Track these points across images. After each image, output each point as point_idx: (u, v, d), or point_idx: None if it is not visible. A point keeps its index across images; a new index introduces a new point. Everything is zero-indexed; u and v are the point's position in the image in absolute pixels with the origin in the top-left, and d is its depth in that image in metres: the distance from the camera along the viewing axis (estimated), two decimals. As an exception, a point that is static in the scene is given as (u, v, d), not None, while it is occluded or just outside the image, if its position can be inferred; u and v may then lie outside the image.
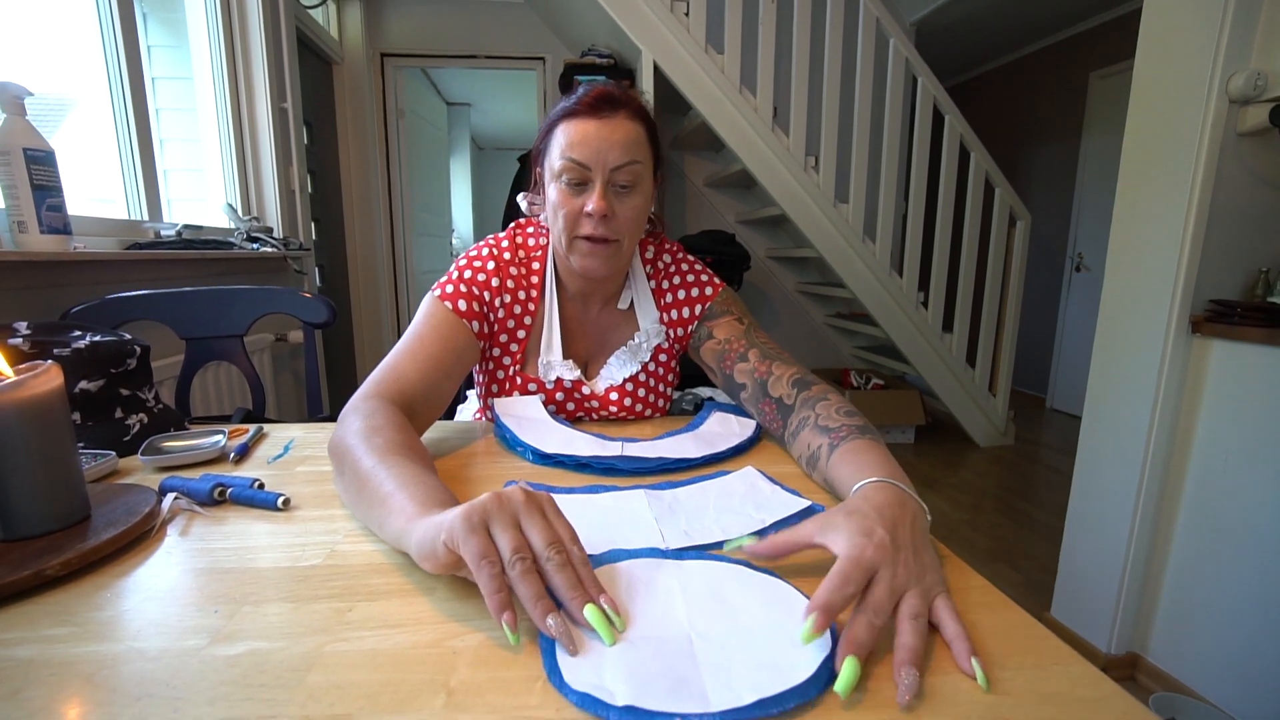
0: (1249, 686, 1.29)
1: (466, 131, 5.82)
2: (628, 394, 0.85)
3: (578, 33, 3.28)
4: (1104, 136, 3.67)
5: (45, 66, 1.52)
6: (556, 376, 0.83)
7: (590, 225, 0.73)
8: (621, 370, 0.85)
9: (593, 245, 0.75)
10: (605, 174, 0.72)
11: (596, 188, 0.72)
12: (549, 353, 0.82)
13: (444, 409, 0.75)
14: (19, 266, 1.12)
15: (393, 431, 0.57)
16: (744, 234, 3.54)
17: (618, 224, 0.74)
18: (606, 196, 0.72)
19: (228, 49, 2.07)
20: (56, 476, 0.49)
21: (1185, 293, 1.36)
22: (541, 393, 0.83)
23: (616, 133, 0.72)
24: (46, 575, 0.43)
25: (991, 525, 2.35)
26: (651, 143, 0.77)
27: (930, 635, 0.39)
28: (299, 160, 2.42)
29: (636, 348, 0.86)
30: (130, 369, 0.77)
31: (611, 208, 0.73)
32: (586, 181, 0.73)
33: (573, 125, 0.72)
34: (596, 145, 0.71)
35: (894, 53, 2.70)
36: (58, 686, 0.34)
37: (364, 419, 0.59)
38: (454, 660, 0.37)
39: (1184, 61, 1.34)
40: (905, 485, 0.49)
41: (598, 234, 0.73)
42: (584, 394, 0.84)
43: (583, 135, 0.71)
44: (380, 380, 0.68)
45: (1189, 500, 1.41)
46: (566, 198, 0.74)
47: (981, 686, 0.34)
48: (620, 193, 0.74)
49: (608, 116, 0.72)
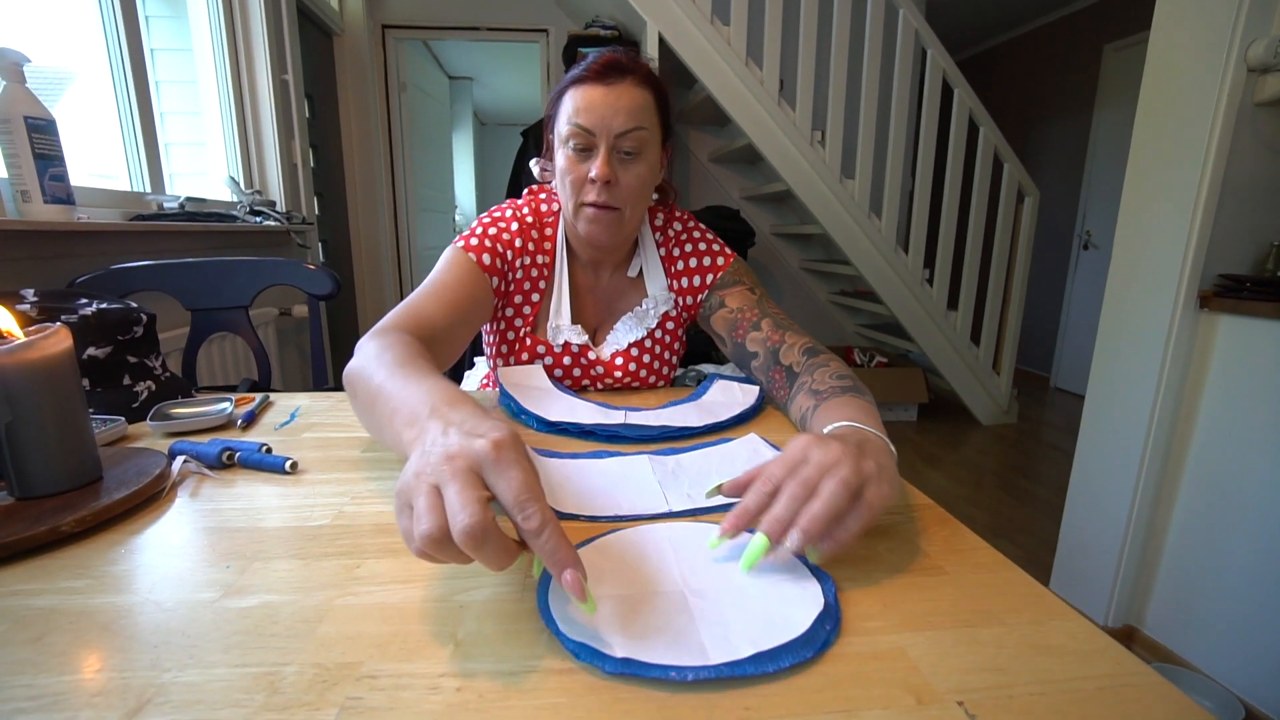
0: (1245, 660, 1.31)
1: (469, 106, 5.76)
2: (633, 359, 0.86)
3: (581, 4, 3.22)
4: (1117, 111, 3.60)
5: (43, 39, 1.51)
6: (565, 340, 0.83)
7: (594, 192, 0.74)
8: (628, 335, 0.86)
9: (596, 212, 0.75)
10: (610, 140, 0.73)
11: (601, 153, 0.73)
12: (558, 317, 0.83)
13: (458, 356, 0.76)
14: (24, 236, 1.12)
15: (405, 349, 0.54)
16: (748, 210, 3.51)
17: (620, 191, 0.75)
18: (610, 162, 0.73)
19: (227, 19, 2.04)
20: (69, 436, 0.50)
21: (1194, 267, 1.35)
22: (550, 356, 0.84)
23: (622, 99, 0.72)
24: (62, 531, 0.44)
25: (993, 502, 2.36)
26: (660, 110, 0.77)
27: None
28: (301, 134, 2.40)
29: (644, 314, 0.87)
30: (137, 336, 0.77)
31: (615, 174, 0.74)
32: (592, 147, 0.74)
33: (580, 91, 0.73)
34: (601, 111, 0.72)
35: (903, 25, 2.65)
36: (77, 634, 0.34)
37: (380, 344, 0.56)
38: (461, 614, 0.37)
39: (1202, 27, 1.31)
40: (875, 430, 0.49)
41: (600, 200, 0.74)
42: (590, 359, 0.85)
43: (589, 101, 0.72)
44: (400, 315, 0.68)
45: (1190, 475, 1.42)
46: (573, 163, 0.75)
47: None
48: (625, 159, 0.75)
49: (614, 82, 0.73)
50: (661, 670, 0.32)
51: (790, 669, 0.33)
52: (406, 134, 3.56)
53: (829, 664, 0.34)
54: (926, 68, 2.74)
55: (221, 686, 0.31)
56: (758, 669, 0.32)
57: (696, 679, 0.32)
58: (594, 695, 0.31)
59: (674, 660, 0.32)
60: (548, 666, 0.33)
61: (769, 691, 0.32)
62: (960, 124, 2.82)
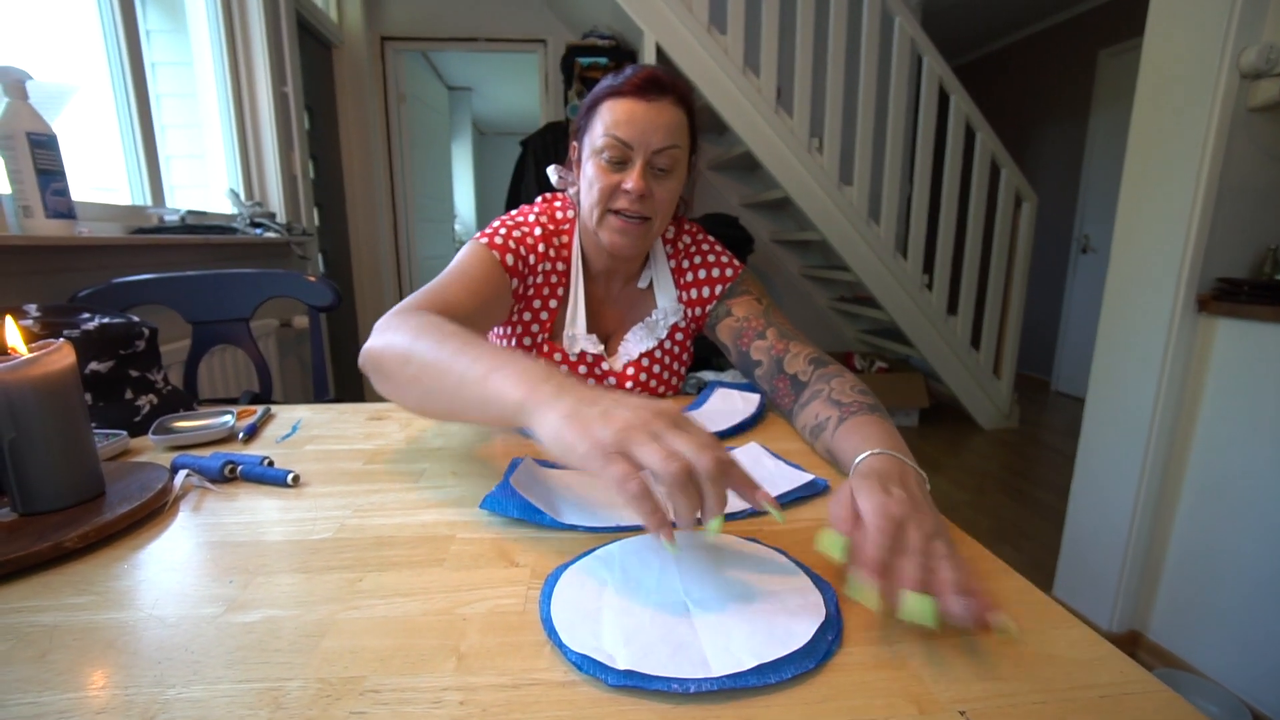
0: (1250, 664, 1.30)
1: (468, 116, 5.78)
2: (644, 369, 0.87)
3: (579, 14, 3.24)
4: (1113, 115, 3.62)
5: (42, 53, 1.52)
6: (580, 350, 0.84)
7: (627, 201, 0.75)
8: (639, 345, 0.87)
9: (625, 223, 0.76)
10: (647, 155, 0.74)
11: (637, 166, 0.74)
12: (574, 326, 0.84)
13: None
14: (26, 251, 1.12)
15: (454, 325, 0.57)
16: (747, 217, 3.52)
17: (652, 204, 0.76)
18: (645, 177, 0.74)
19: (227, 32, 2.05)
20: (72, 452, 0.50)
21: (1192, 270, 1.36)
22: (565, 365, 0.84)
23: (661, 116, 0.73)
24: (65, 547, 0.44)
25: (994, 506, 2.36)
26: (691, 130, 0.79)
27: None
28: (301, 145, 2.41)
29: (654, 324, 0.87)
30: (139, 351, 0.78)
31: (649, 188, 0.75)
32: (627, 160, 0.74)
33: (619, 104, 0.73)
34: (642, 126, 0.73)
35: (899, 32, 2.67)
36: (82, 650, 0.35)
37: (420, 321, 0.58)
38: (464, 627, 0.37)
39: (1195, 34, 1.32)
40: (907, 458, 0.51)
41: (633, 209, 0.75)
42: (603, 370, 0.86)
43: (629, 115, 0.73)
44: (423, 297, 0.68)
45: (1192, 479, 1.42)
46: (605, 173, 0.75)
47: (1012, 634, 0.35)
48: (658, 175, 0.76)
49: (654, 99, 0.73)
50: (664, 683, 0.32)
51: (792, 680, 0.33)
52: (406, 144, 3.58)
53: (831, 674, 0.34)
54: (923, 74, 2.76)
55: (225, 702, 0.31)
56: (760, 680, 0.32)
57: (699, 691, 0.32)
58: (597, 708, 0.31)
59: (676, 672, 0.33)
60: (550, 679, 0.33)
61: (771, 702, 0.32)
62: (957, 130, 2.84)
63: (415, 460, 0.65)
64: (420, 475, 0.61)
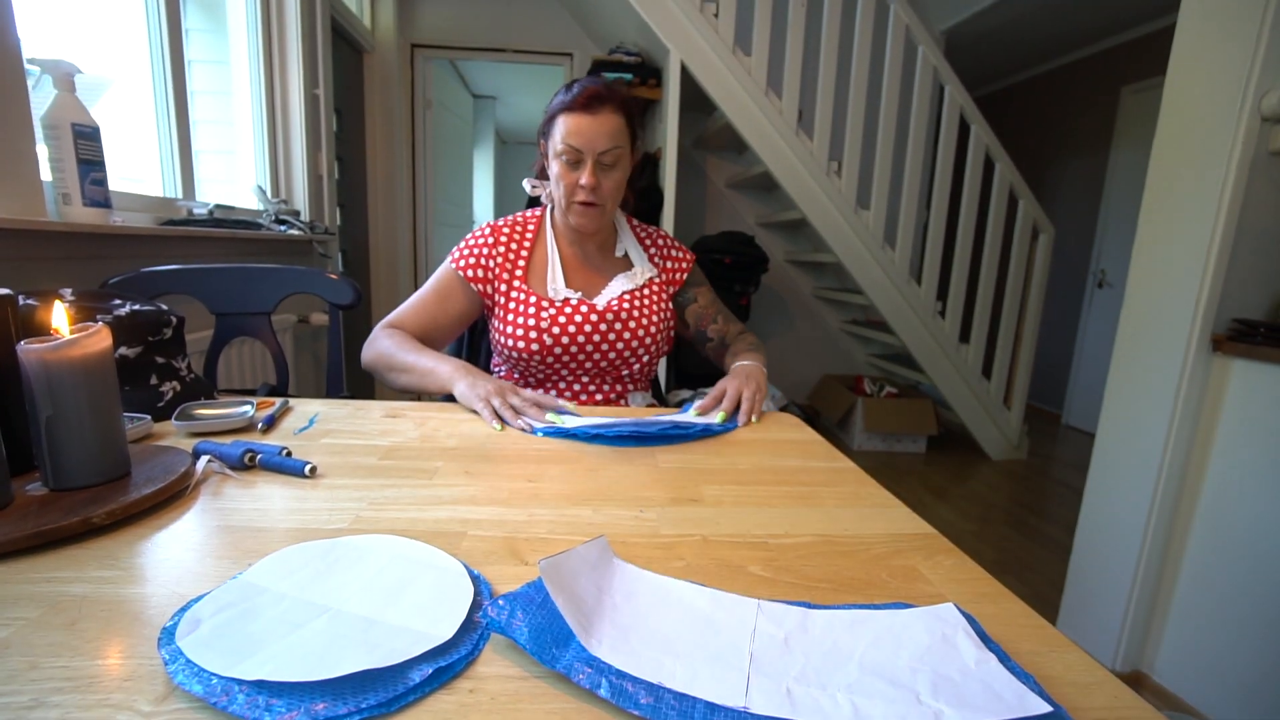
0: (1259, 710, 1.28)
1: (491, 124, 5.87)
2: (626, 302, 1.03)
3: (606, 30, 3.30)
4: (1133, 152, 3.62)
5: (84, 47, 1.57)
6: (564, 298, 1.02)
7: (583, 194, 0.97)
8: (620, 287, 1.05)
9: (584, 207, 0.99)
10: (594, 156, 0.95)
11: (588, 166, 0.95)
12: (555, 282, 1.03)
13: (441, 345, 1.06)
14: (62, 237, 1.15)
15: (415, 342, 0.97)
16: (763, 236, 3.54)
17: (602, 192, 0.98)
18: (595, 173, 0.96)
19: (264, 34, 2.11)
20: (103, 432, 0.52)
21: (1208, 310, 1.35)
22: (552, 308, 1.00)
23: (604, 125, 0.94)
24: (93, 523, 0.46)
25: (999, 538, 2.33)
26: (630, 129, 0.99)
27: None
28: (328, 146, 2.46)
29: (633, 275, 1.07)
30: (166, 338, 0.80)
31: (599, 181, 0.96)
32: (580, 161, 0.96)
33: (570, 118, 0.94)
34: (589, 135, 0.94)
35: (922, 61, 2.69)
36: (108, 621, 0.36)
37: (392, 339, 0.97)
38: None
39: (1217, 77, 1.33)
40: (756, 363, 1.00)
41: (588, 200, 0.97)
42: (587, 308, 1.01)
43: (577, 127, 0.94)
44: (393, 318, 1.02)
45: (1201, 520, 1.40)
46: (566, 172, 0.97)
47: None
48: (605, 169, 0.97)
49: (597, 111, 0.94)
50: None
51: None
52: (430, 149, 3.64)
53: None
54: (944, 103, 2.77)
55: (245, 678, 0.32)
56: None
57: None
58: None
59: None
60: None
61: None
62: (976, 159, 2.85)
63: (429, 458, 0.67)
64: (434, 473, 0.63)
